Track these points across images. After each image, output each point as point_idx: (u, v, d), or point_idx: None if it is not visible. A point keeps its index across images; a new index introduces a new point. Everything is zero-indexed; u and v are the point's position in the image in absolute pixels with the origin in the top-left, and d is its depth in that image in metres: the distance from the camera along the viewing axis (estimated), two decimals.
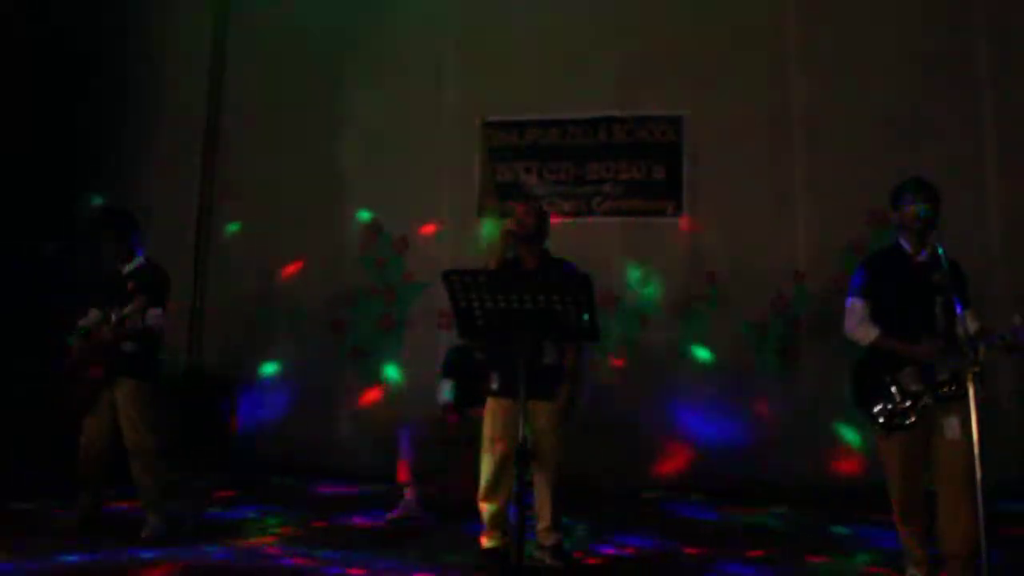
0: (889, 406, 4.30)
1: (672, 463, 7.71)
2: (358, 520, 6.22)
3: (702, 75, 8.18)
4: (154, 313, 5.35)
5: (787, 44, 8.16)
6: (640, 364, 7.92)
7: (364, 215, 8.71)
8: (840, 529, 6.13)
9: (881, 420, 4.32)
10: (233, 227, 9.00)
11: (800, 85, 8.09)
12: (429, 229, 8.57)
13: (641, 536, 5.80)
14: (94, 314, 5.60)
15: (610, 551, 5.37)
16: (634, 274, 8.06)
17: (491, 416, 4.92)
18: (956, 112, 7.77)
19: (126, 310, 5.21)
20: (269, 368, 8.62)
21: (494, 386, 4.91)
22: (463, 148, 8.60)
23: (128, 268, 5.60)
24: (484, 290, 3.84)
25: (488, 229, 8.32)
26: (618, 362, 7.97)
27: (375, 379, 8.45)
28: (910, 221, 4.40)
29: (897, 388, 4.29)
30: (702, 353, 7.90)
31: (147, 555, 4.94)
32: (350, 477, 7.76)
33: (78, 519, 5.48)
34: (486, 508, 4.89)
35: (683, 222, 8.13)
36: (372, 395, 8.42)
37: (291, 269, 8.76)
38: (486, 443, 4.92)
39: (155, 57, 9.20)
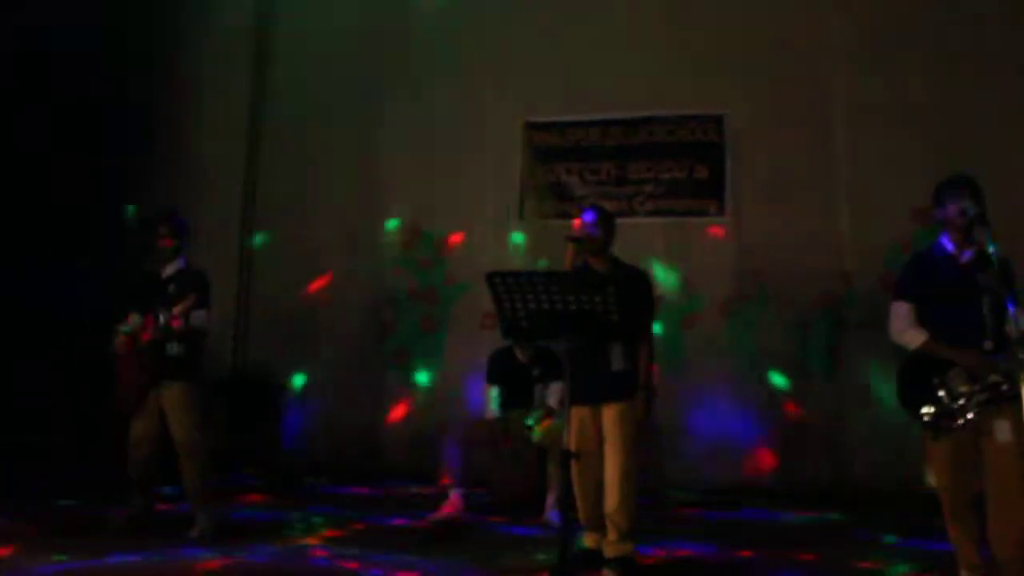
0: (937, 408, 4.23)
1: (719, 466, 7.66)
2: (402, 521, 6.24)
3: (743, 73, 8.13)
4: (198, 315, 5.42)
5: (828, 40, 8.07)
6: (684, 366, 7.87)
7: (406, 217, 8.74)
8: (890, 534, 6.05)
9: (929, 422, 4.26)
10: (274, 231, 9.10)
11: (841, 81, 8.00)
12: (471, 231, 8.59)
13: (692, 540, 5.75)
14: (133, 318, 5.68)
15: (660, 553, 5.34)
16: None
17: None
18: (1002, 106, 7.62)
19: (177, 309, 5.27)
20: (312, 371, 8.69)
21: None
22: (505, 149, 8.62)
23: (169, 271, 5.69)
24: (527, 291, 3.85)
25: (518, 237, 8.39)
26: (660, 364, 7.93)
27: (418, 381, 8.49)
28: (953, 219, 4.33)
29: (945, 390, 4.22)
30: (748, 354, 7.85)
31: (196, 554, 4.99)
32: (394, 478, 7.81)
33: (129, 519, 5.57)
34: (579, 508, 4.89)
35: (726, 221, 8.08)
36: (415, 397, 8.46)
37: (334, 272, 8.82)
38: None
39: (196, 66, 9.34)
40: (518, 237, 8.49)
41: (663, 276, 7.99)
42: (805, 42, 8.12)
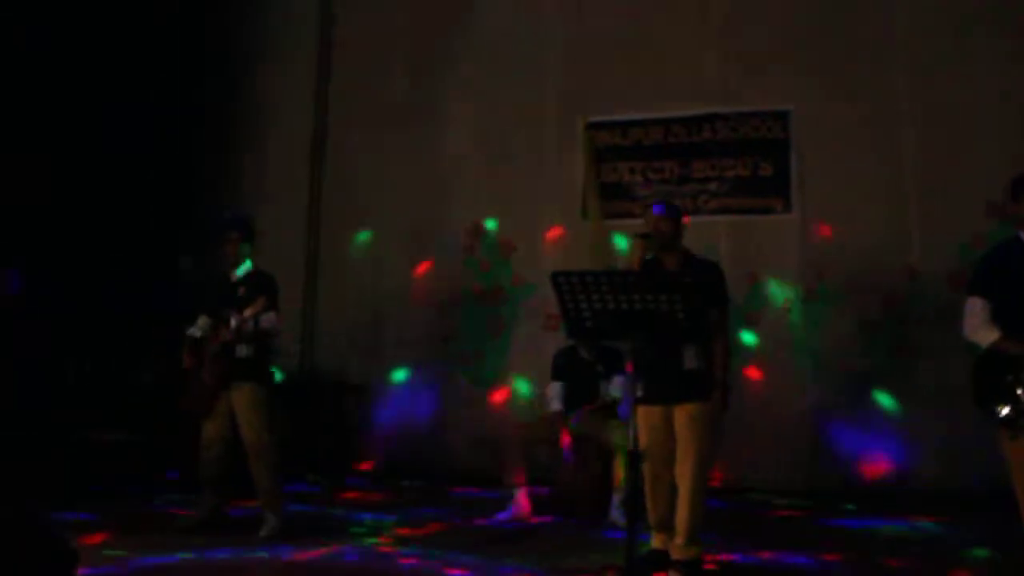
0: (1013, 407, 4.14)
1: (785, 466, 7.58)
2: (468, 521, 6.28)
3: (808, 68, 8.02)
4: (268, 317, 5.51)
5: (894, 33, 7.92)
6: (747, 366, 7.78)
7: (470, 218, 8.77)
8: (947, 531, 5.94)
9: (1004, 421, 4.16)
10: (338, 233, 9.20)
11: (908, 75, 7.83)
12: (534, 231, 8.58)
13: (759, 543, 5.67)
14: (203, 321, 5.79)
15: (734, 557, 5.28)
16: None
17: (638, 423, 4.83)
18: None
19: (248, 312, 5.36)
20: (378, 372, 8.76)
21: (639, 394, 4.81)
22: (567, 149, 8.60)
23: (238, 274, 5.79)
24: (593, 291, 3.84)
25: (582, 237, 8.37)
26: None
27: (483, 382, 8.52)
28: None
29: (1022, 387, 4.13)
30: (813, 353, 7.74)
31: (265, 553, 5.08)
32: (460, 479, 7.84)
33: (200, 518, 5.68)
34: (648, 508, 4.87)
35: (792, 219, 7.97)
36: (480, 397, 8.47)
37: (398, 273, 8.87)
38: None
39: (263, 71, 9.46)
40: (581, 237, 8.46)
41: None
42: (872, 36, 7.97)
